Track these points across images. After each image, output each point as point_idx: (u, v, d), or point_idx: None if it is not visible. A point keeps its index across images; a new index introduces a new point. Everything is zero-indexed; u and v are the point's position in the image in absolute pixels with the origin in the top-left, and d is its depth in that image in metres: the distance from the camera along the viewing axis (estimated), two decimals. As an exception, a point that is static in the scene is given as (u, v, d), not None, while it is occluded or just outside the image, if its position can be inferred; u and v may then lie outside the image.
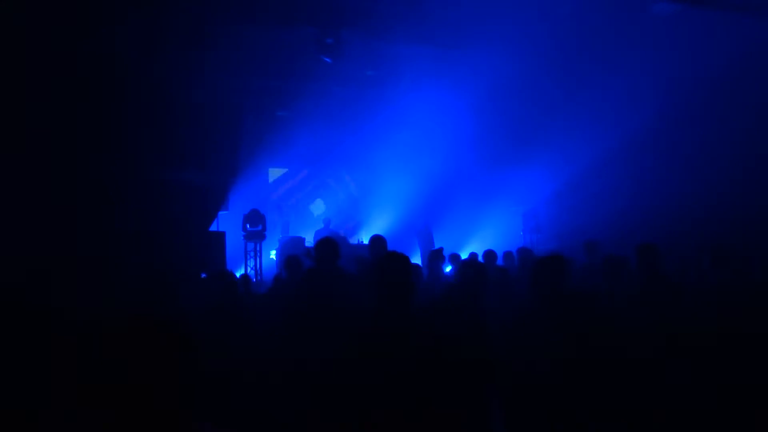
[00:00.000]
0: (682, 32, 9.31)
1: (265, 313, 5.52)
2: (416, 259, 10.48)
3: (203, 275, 8.55)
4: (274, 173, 15.26)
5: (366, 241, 13.03)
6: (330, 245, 4.95)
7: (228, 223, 12.27)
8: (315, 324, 4.49)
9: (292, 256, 6.13)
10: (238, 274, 9.65)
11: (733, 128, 9.66)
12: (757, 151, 9.41)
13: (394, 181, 14.46)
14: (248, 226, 11.70)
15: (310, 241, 11.98)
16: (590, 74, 10.73)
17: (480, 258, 8.09)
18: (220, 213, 11.85)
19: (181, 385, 1.38)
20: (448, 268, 8.91)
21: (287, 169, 15.35)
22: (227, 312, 4.43)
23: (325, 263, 4.90)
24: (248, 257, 11.82)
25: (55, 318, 2.32)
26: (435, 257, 7.30)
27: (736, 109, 9.61)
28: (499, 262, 8.09)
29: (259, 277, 11.68)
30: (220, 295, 4.48)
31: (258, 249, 11.83)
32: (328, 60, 9.85)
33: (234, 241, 11.44)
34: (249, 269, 11.68)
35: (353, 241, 13.02)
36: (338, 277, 4.91)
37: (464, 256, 9.45)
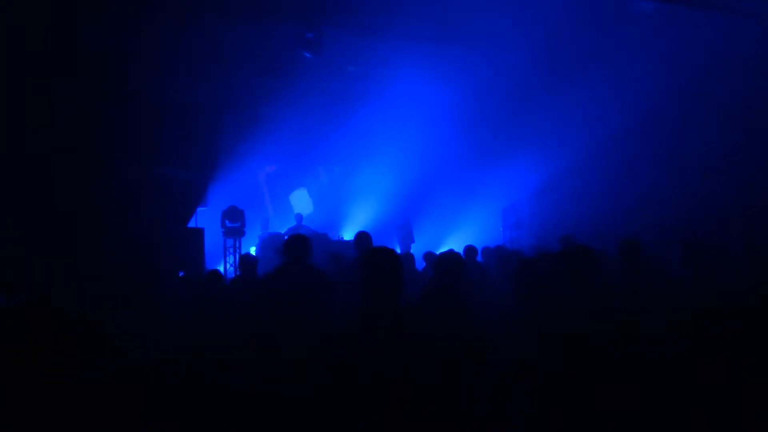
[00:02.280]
0: (662, 30, 9.41)
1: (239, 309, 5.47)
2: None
3: (181, 273, 8.45)
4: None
5: (346, 238, 13.05)
6: (300, 241, 4.92)
7: (207, 219, 12.14)
8: (289, 321, 4.45)
9: (246, 254, 6.05)
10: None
11: (713, 126, 9.78)
12: (737, 148, 9.54)
13: (375, 176, 14.44)
14: (227, 222, 11.60)
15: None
16: (571, 71, 10.79)
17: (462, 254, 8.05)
18: (199, 209, 11.72)
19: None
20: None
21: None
22: (208, 310, 4.39)
23: (297, 260, 4.86)
24: (227, 254, 11.72)
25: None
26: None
27: (715, 107, 9.74)
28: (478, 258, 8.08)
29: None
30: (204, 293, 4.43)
31: (237, 245, 11.74)
32: (308, 55, 9.78)
33: (213, 237, 11.32)
34: (228, 266, 11.57)
35: (333, 237, 12.95)
36: (309, 273, 4.88)
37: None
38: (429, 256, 8.88)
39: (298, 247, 4.88)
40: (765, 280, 3.93)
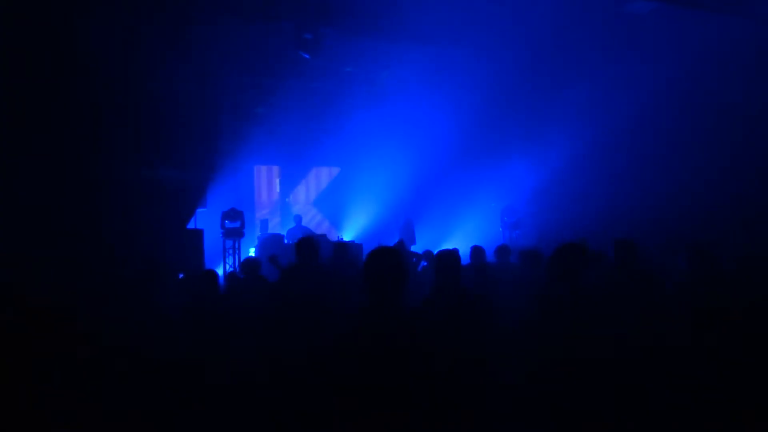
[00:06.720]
0: (658, 31, 9.43)
1: (247, 309, 5.49)
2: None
3: (181, 275, 8.46)
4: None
5: (345, 239, 13.06)
6: (309, 243, 5.00)
7: (206, 220, 12.15)
8: (297, 321, 4.50)
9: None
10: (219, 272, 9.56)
11: (708, 126, 9.80)
12: (731, 148, 9.56)
13: (375, 177, 14.45)
14: (227, 223, 11.61)
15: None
16: (569, 72, 10.82)
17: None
18: (198, 210, 11.73)
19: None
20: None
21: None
22: (208, 311, 4.40)
23: (307, 260, 4.94)
24: (227, 255, 11.73)
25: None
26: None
27: (710, 108, 9.76)
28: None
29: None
30: (203, 294, 4.44)
31: (237, 246, 11.75)
32: (306, 56, 9.80)
33: (212, 238, 11.34)
34: (228, 267, 11.59)
35: (332, 238, 12.97)
36: (319, 274, 4.96)
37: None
38: (428, 255, 8.89)
39: (308, 249, 4.98)
40: (760, 281, 3.95)
